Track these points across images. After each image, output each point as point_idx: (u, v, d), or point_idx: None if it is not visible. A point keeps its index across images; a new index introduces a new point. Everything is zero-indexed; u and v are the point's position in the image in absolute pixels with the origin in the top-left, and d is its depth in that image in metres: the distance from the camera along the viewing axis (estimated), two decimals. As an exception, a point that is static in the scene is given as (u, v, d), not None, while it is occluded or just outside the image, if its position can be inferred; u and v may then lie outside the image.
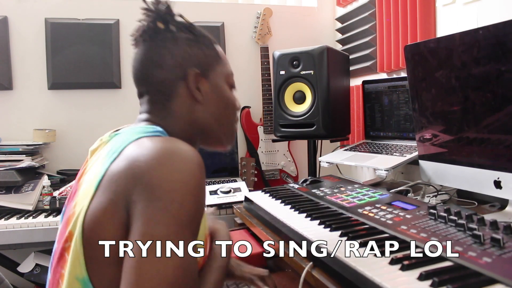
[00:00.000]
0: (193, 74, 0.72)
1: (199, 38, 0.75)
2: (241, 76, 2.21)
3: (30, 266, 1.72)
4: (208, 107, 0.75)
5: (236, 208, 1.34)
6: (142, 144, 0.61)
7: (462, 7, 1.42)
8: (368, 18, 1.99)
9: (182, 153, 0.59)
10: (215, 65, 0.76)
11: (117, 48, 2.11)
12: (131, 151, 0.61)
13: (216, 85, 0.76)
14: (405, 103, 1.59)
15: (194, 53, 0.74)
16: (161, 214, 0.54)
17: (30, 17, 2.01)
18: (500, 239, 0.68)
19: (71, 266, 0.59)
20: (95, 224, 0.58)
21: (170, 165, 0.57)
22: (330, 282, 0.72)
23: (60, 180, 1.93)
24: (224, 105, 0.77)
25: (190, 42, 0.74)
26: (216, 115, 0.77)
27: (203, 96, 0.74)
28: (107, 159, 0.63)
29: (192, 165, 0.59)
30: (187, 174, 0.58)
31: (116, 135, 0.69)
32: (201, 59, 0.74)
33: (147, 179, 0.56)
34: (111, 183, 0.59)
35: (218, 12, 2.28)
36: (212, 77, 0.76)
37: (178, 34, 0.73)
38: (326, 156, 1.70)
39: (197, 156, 0.61)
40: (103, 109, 2.13)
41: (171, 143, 0.61)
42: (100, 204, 0.58)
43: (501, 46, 0.92)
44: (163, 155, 0.58)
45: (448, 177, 1.17)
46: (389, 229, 0.82)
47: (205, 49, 0.75)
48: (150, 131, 0.67)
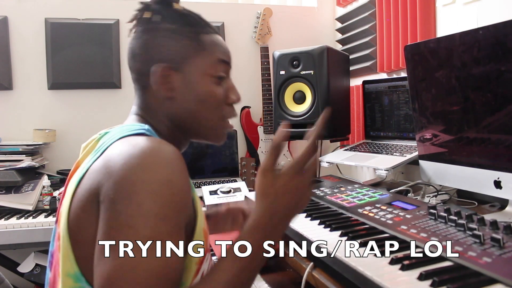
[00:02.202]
0: (160, 68, 0.70)
1: (183, 28, 0.72)
2: (241, 76, 2.21)
3: (30, 266, 1.72)
4: (182, 102, 0.72)
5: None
6: (121, 143, 0.62)
7: (462, 7, 1.42)
8: (368, 18, 1.99)
9: (152, 152, 0.58)
10: (193, 57, 0.71)
11: (117, 48, 2.11)
12: (110, 150, 0.61)
13: (191, 79, 0.71)
14: (405, 103, 1.59)
15: (169, 45, 0.70)
16: (117, 216, 0.53)
17: (30, 17, 2.01)
18: (500, 239, 0.68)
19: (62, 263, 0.60)
20: (77, 221, 0.59)
21: (136, 165, 0.56)
22: (330, 282, 0.72)
23: (60, 180, 1.93)
24: (199, 99, 0.72)
25: (168, 34, 0.71)
26: (191, 111, 0.73)
27: (175, 91, 0.71)
28: (90, 158, 0.64)
29: (160, 164, 0.57)
30: (151, 174, 0.55)
31: (106, 134, 0.70)
32: (175, 52, 0.71)
33: (113, 178, 0.56)
34: (88, 180, 0.60)
35: (218, 12, 2.28)
36: (186, 71, 0.71)
37: (161, 25, 0.71)
38: (326, 156, 1.70)
39: (171, 154, 0.59)
40: (103, 109, 2.13)
41: (149, 143, 0.60)
42: (79, 202, 0.60)
43: (501, 46, 0.92)
44: (132, 155, 0.57)
45: (448, 177, 1.17)
46: (389, 229, 0.82)
47: (184, 40, 0.71)
48: (136, 129, 0.67)
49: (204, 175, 2.09)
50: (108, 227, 0.54)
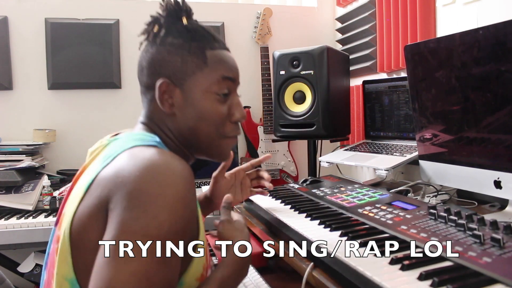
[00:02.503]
0: (162, 84, 0.70)
1: (188, 44, 0.71)
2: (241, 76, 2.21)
3: (30, 266, 1.73)
4: (183, 119, 0.72)
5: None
6: (132, 154, 0.62)
7: (462, 7, 1.42)
8: (368, 18, 1.99)
9: (167, 167, 0.59)
10: (196, 74, 0.70)
11: (117, 48, 2.11)
12: (121, 160, 0.61)
13: (192, 96, 0.71)
14: (405, 103, 1.59)
15: (172, 60, 0.70)
16: (131, 223, 0.54)
17: (30, 17, 2.01)
18: (500, 239, 0.68)
19: (59, 266, 0.60)
20: (81, 227, 0.59)
21: (151, 178, 0.57)
22: (330, 282, 0.72)
23: (60, 180, 1.93)
24: (199, 117, 0.71)
25: (172, 49, 0.70)
26: (191, 128, 0.72)
27: (175, 107, 0.71)
28: (100, 164, 0.64)
29: (175, 179, 0.58)
30: (167, 188, 0.56)
31: (115, 140, 0.69)
32: (178, 68, 0.70)
33: (127, 188, 0.56)
34: (98, 187, 0.60)
35: (218, 12, 2.28)
36: (187, 87, 0.71)
37: (167, 39, 0.71)
38: (326, 156, 1.70)
39: (185, 171, 0.60)
40: (103, 109, 2.13)
41: (160, 156, 0.60)
42: (86, 208, 0.60)
43: (501, 46, 0.92)
44: (148, 168, 0.58)
45: (448, 177, 1.17)
46: (389, 229, 0.82)
47: (188, 56, 0.70)
48: (147, 139, 0.67)
49: (204, 175, 2.09)
50: (118, 231, 0.54)
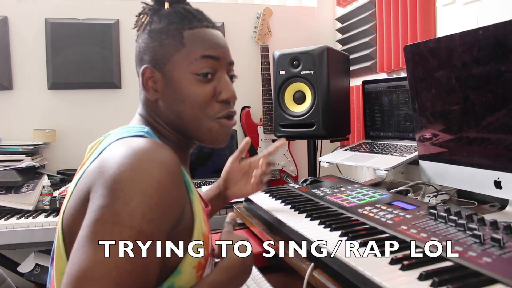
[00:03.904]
0: (145, 70, 0.70)
1: (168, 27, 0.70)
2: (241, 76, 2.20)
3: (30, 266, 1.72)
4: (168, 104, 0.71)
5: (236, 208, 1.34)
6: (118, 145, 0.61)
7: (462, 7, 1.42)
8: (368, 18, 1.99)
9: (146, 154, 0.57)
10: (173, 55, 0.69)
11: (117, 48, 2.11)
12: (106, 152, 0.61)
13: (172, 79, 0.69)
14: (405, 103, 1.59)
15: (152, 45, 0.70)
16: (103, 211, 0.53)
17: (30, 17, 2.01)
18: (500, 239, 0.68)
19: (57, 261, 0.61)
20: (71, 221, 0.60)
21: (128, 164, 0.55)
22: (330, 282, 0.72)
23: (60, 180, 1.93)
24: (181, 99, 0.69)
25: (154, 34, 0.70)
26: (175, 112, 0.70)
27: (159, 92, 0.70)
28: (91, 159, 0.64)
29: (151, 165, 0.56)
30: (141, 174, 0.55)
31: (109, 135, 0.70)
32: (157, 52, 0.69)
33: (104, 177, 0.56)
34: (83, 180, 0.60)
35: (218, 12, 2.28)
36: (167, 70, 0.69)
37: (151, 26, 0.71)
38: (326, 156, 1.70)
39: (166, 159, 0.58)
40: (103, 109, 2.13)
41: (145, 144, 0.59)
42: (73, 203, 0.61)
43: (501, 46, 0.92)
44: (127, 156, 0.56)
45: (448, 177, 1.17)
46: (389, 229, 0.82)
47: (165, 39, 0.69)
48: (135, 130, 0.67)
49: (204, 175, 2.09)
50: (91, 220, 0.53)
